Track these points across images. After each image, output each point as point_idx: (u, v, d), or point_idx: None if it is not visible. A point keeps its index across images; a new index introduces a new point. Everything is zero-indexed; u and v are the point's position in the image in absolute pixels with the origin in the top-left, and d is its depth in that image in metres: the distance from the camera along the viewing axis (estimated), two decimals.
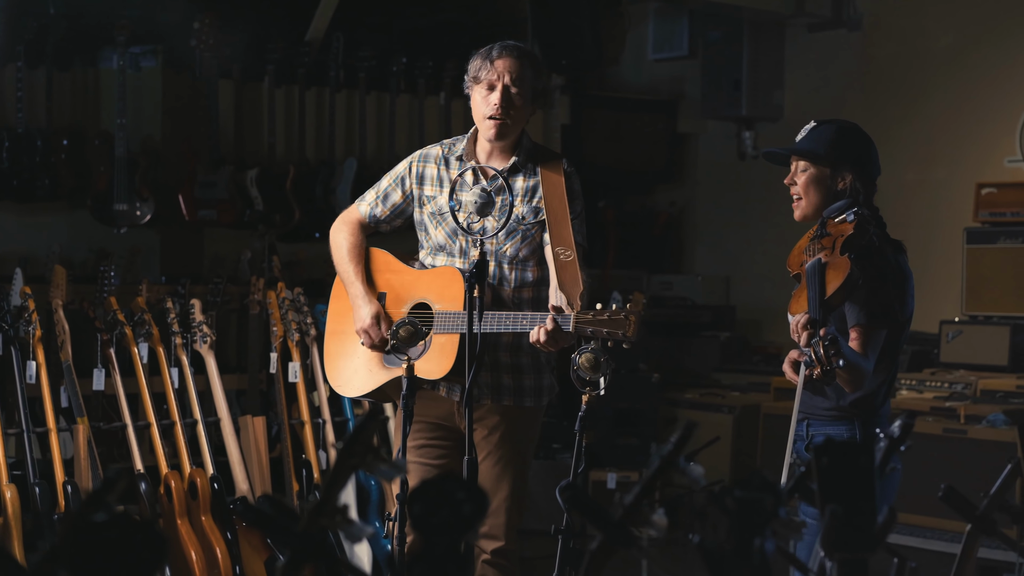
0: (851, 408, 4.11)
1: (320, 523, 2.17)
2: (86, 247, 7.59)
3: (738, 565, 2.16)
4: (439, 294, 4.51)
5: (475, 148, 4.62)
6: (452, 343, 4.42)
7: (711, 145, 9.89)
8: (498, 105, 4.46)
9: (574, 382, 4.15)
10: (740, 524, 2.18)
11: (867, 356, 4.01)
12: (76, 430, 5.83)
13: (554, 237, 4.43)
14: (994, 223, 7.91)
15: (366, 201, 4.77)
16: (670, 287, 9.54)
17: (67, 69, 7.55)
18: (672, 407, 8.51)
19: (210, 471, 6.06)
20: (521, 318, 4.31)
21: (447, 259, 4.59)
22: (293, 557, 2.16)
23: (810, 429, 4.20)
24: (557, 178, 4.52)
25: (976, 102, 8.48)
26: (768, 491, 2.21)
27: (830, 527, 2.26)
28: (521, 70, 4.49)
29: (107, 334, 6.09)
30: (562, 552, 4.09)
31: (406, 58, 8.39)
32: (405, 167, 4.70)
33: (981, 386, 7.38)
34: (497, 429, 4.54)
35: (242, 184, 7.83)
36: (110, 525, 1.80)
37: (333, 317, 4.80)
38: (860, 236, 4.06)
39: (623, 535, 2.33)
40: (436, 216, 4.61)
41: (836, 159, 4.18)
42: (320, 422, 6.58)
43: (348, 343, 4.69)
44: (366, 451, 2.21)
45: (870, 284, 4.03)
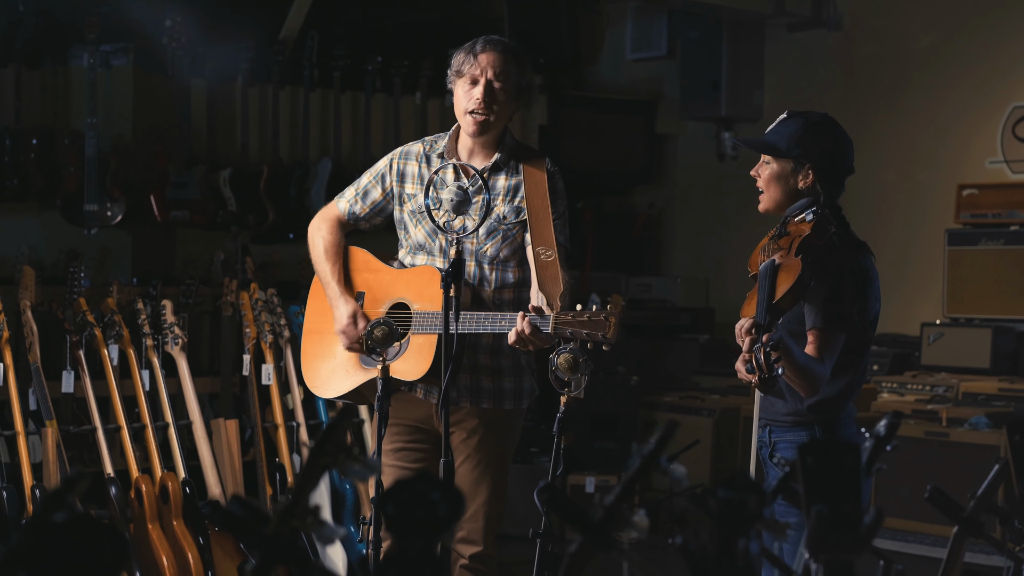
0: (810, 413, 4.05)
1: (291, 525, 2.11)
2: (56, 248, 7.52)
3: (722, 568, 2.11)
4: (417, 294, 4.46)
5: (457, 145, 4.57)
6: (430, 344, 4.37)
7: (690, 146, 9.86)
8: (480, 100, 4.41)
9: (552, 383, 4.10)
10: (724, 525, 2.13)
11: (823, 361, 3.94)
12: (45, 433, 5.76)
13: (535, 236, 4.38)
14: (975, 224, 7.90)
15: (345, 198, 4.72)
16: (649, 289, 9.50)
17: (36, 67, 7.48)
18: (651, 410, 8.46)
19: (182, 475, 6.00)
20: (500, 318, 4.26)
21: (427, 258, 4.54)
22: (263, 560, 2.11)
23: (772, 435, 4.15)
24: (540, 176, 4.48)
25: (957, 103, 8.46)
26: (752, 491, 2.16)
27: (816, 528, 2.21)
28: (505, 65, 4.44)
29: (77, 335, 6.02)
30: (540, 556, 4.05)
31: (381, 57, 8.34)
32: (386, 164, 4.65)
33: (963, 389, 7.37)
34: (476, 432, 4.49)
35: (215, 184, 7.77)
36: (70, 526, 1.75)
37: (311, 316, 4.76)
38: (817, 236, 3.96)
39: (603, 537, 2.28)
40: (416, 214, 4.56)
41: (798, 156, 4.08)
42: (294, 425, 6.53)
43: (325, 343, 4.64)
44: (338, 450, 2.16)
45: (828, 287, 3.96)
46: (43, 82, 7.54)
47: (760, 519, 2.16)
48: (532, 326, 4.13)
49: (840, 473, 2.28)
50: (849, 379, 4.08)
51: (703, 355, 8.97)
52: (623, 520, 2.31)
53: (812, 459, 2.28)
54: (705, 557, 2.13)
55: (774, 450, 4.12)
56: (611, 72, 9.97)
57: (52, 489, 1.87)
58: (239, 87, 7.99)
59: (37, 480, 5.68)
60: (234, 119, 8.05)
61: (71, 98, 7.60)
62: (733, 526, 2.13)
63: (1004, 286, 7.75)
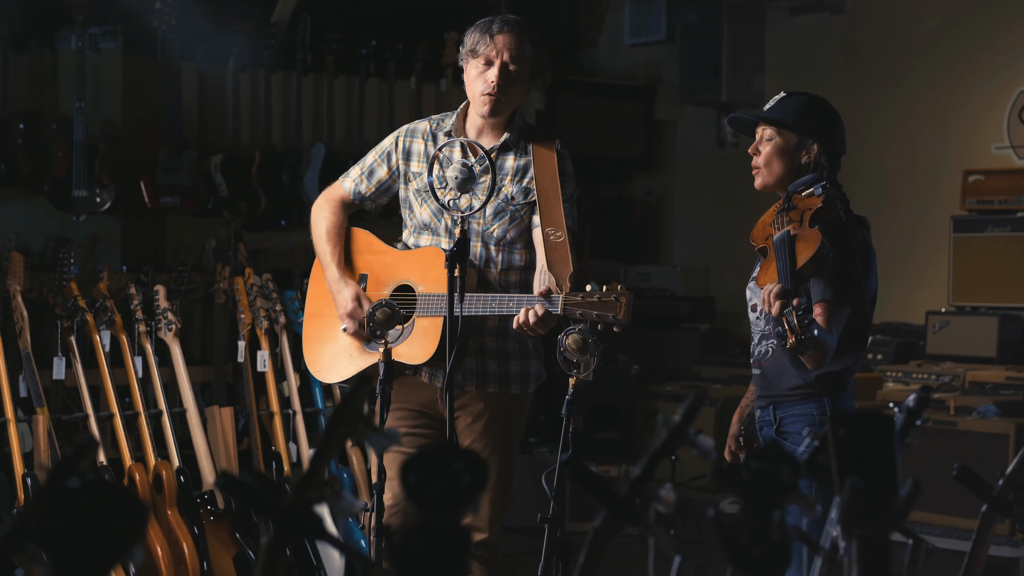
0: (818, 384, 4.08)
1: (308, 497, 2.06)
2: (44, 235, 7.47)
3: (756, 541, 2.07)
4: (422, 275, 4.41)
5: (464, 124, 4.51)
6: (435, 327, 4.32)
7: (689, 132, 9.84)
8: (495, 83, 4.36)
9: (560, 364, 4.05)
10: (757, 497, 2.09)
11: (831, 332, 3.98)
12: (36, 421, 5.70)
13: (544, 217, 4.33)
14: (981, 211, 7.87)
15: (350, 177, 4.66)
16: (648, 278, 9.48)
17: (23, 50, 7.43)
18: (652, 400, 8.43)
19: (176, 464, 5.95)
20: (507, 300, 4.21)
21: (432, 238, 4.49)
22: (279, 532, 2.06)
23: (777, 412, 4.16)
24: (549, 157, 4.43)
25: (963, 87, 8.44)
26: (786, 462, 2.12)
27: (850, 502, 2.17)
28: (521, 47, 4.39)
29: (68, 321, 5.96)
30: (548, 541, 4.00)
31: (376, 41, 8.30)
32: (391, 142, 4.59)
33: (970, 378, 7.34)
34: (481, 416, 4.45)
35: (206, 170, 7.73)
36: (84, 492, 1.69)
37: (311, 300, 4.71)
38: (828, 210, 4.04)
39: (629, 511, 2.23)
40: (421, 193, 4.51)
41: (803, 130, 4.14)
42: (290, 413, 6.48)
43: (327, 327, 4.59)
44: (356, 419, 2.11)
45: (835, 260, 4.00)
46: (30, 65, 7.48)
47: (795, 492, 2.12)
48: (543, 309, 4.08)
49: (874, 445, 2.24)
50: (856, 355, 4.14)
51: (703, 345, 8.95)
52: (649, 494, 2.27)
53: (845, 431, 2.24)
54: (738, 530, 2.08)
55: (781, 425, 4.14)
56: (609, 57, 9.93)
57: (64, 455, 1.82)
58: (230, 71, 7.95)
59: (28, 469, 5.62)
60: (225, 104, 8.00)
61: (59, 82, 7.54)
62: (767, 498, 2.09)
63: (1011, 273, 7.72)
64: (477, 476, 1.98)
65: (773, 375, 4.15)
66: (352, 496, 2.07)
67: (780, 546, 2.07)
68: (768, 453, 2.14)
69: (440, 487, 1.96)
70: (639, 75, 9.88)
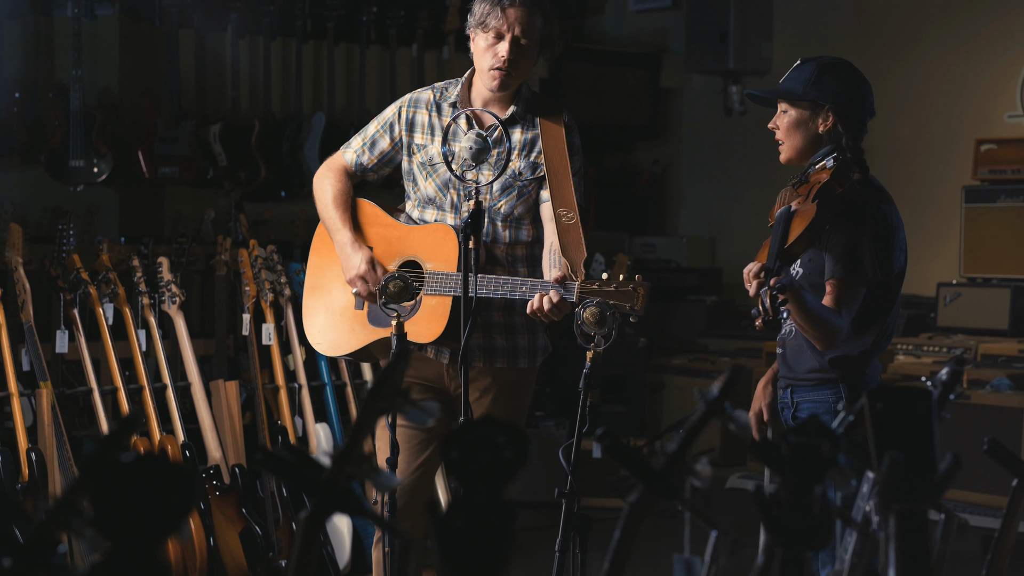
0: (834, 369, 4.04)
1: (346, 472, 2.09)
2: (40, 206, 7.49)
3: (797, 516, 2.10)
4: (430, 252, 4.40)
5: (470, 94, 4.51)
6: (444, 306, 4.33)
7: (696, 100, 9.85)
8: (506, 57, 4.36)
9: (578, 337, 4.07)
10: (799, 472, 2.12)
11: (840, 312, 3.95)
12: (39, 395, 5.72)
13: (555, 197, 4.35)
14: (994, 181, 7.88)
15: (352, 148, 4.65)
16: (653, 249, 9.50)
17: (18, 17, 7.43)
18: (659, 374, 8.47)
19: (181, 438, 5.98)
20: (520, 284, 4.23)
21: (437, 213, 4.49)
22: (318, 507, 2.09)
23: (794, 396, 4.15)
24: (558, 131, 4.43)
25: (974, 55, 8.45)
26: (826, 436, 2.15)
27: (888, 476, 2.20)
28: (532, 19, 4.38)
29: (71, 294, 5.98)
30: (566, 516, 4.03)
31: (376, 7, 8.30)
32: (394, 112, 4.58)
33: (982, 351, 7.37)
34: (489, 391, 4.47)
35: (205, 140, 7.75)
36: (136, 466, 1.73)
37: (313, 271, 4.70)
38: (838, 183, 3.97)
39: (666, 486, 2.26)
40: (426, 166, 4.50)
41: (815, 98, 4.06)
42: (295, 387, 6.50)
43: (330, 299, 4.60)
44: (395, 393, 2.14)
45: (847, 236, 3.97)
46: (24, 32, 7.49)
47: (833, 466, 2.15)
48: (559, 296, 4.11)
49: (911, 419, 2.27)
50: (875, 336, 4.07)
51: (710, 317, 8.97)
52: (686, 468, 2.30)
53: (882, 405, 2.28)
54: (779, 505, 2.12)
55: (797, 410, 4.13)
56: (614, 24, 9.94)
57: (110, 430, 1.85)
58: (229, 38, 7.96)
59: (32, 443, 5.65)
60: (224, 72, 8.01)
61: (55, 49, 7.55)
62: (808, 473, 2.12)
63: (1023, 244, 7.75)
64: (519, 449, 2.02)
65: (792, 357, 4.12)
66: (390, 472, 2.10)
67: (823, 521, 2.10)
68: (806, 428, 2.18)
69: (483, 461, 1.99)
70: (644, 42, 9.88)
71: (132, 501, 1.70)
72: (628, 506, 2.31)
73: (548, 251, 4.40)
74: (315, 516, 2.11)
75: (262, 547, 5.93)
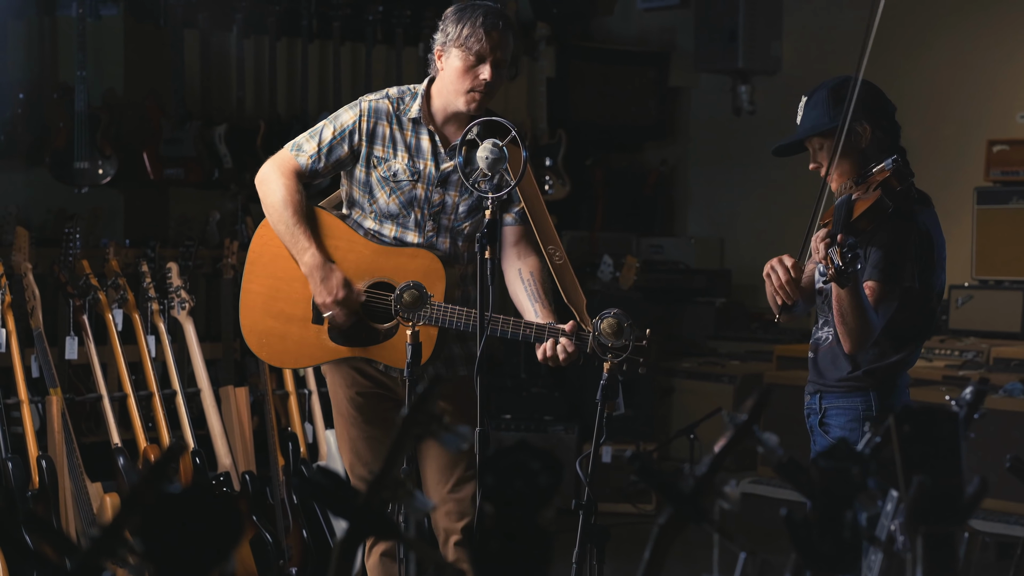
0: (867, 378, 4.11)
1: (381, 496, 2.15)
2: (44, 208, 7.54)
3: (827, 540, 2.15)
4: (406, 278, 4.35)
5: (430, 110, 4.50)
6: (427, 336, 4.31)
7: (704, 100, 9.88)
8: (488, 82, 4.38)
9: (595, 349, 4.13)
10: (828, 497, 2.17)
11: (877, 313, 4.02)
12: (49, 402, 5.77)
13: (541, 233, 4.39)
14: (1006, 182, 7.93)
15: (306, 153, 4.50)
16: (661, 250, 9.54)
17: (22, 17, 7.47)
18: (668, 377, 8.51)
19: (191, 445, 6.02)
20: (525, 327, 4.28)
21: (397, 229, 4.48)
22: (353, 531, 2.14)
23: (823, 402, 4.22)
24: (517, 153, 4.27)
25: (987, 54, 8.48)
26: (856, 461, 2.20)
27: (916, 500, 2.25)
28: (508, 41, 4.42)
29: (80, 300, 6.02)
30: (583, 528, 4.08)
31: (383, 7, 8.34)
32: (353, 120, 4.49)
33: (994, 354, 7.41)
34: (452, 400, 4.45)
35: (210, 141, 7.79)
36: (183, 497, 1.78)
37: (256, 272, 4.60)
38: (898, 180, 4.07)
39: (695, 509, 2.31)
40: (389, 181, 4.47)
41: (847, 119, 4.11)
42: (306, 392, 6.55)
43: (278, 305, 4.55)
44: (430, 419, 2.19)
45: (891, 241, 4.05)
46: (29, 33, 7.53)
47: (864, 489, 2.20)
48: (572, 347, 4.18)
49: (938, 441, 2.32)
50: (911, 349, 4.16)
51: (719, 319, 9.02)
52: (714, 491, 2.35)
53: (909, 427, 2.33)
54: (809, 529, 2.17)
55: (825, 416, 4.19)
56: (621, 22, 9.97)
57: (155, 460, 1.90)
58: (234, 38, 7.99)
59: (42, 450, 5.70)
60: (229, 72, 8.06)
61: (59, 50, 7.59)
62: (838, 497, 2.17)
63: None
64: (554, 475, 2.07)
65: (825, 364, 4.19)
66: (424, 496, 2.16)
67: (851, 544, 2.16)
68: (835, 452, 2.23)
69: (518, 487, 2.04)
70: (652, 41, 9.92)
71: (179, 532, 1.75)
72: (657, 528, 2.37)
73: (519, 279, 4.46)
74: (350, 540, 2.16)
75: (272, 554, 5.98)
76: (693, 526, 2.35)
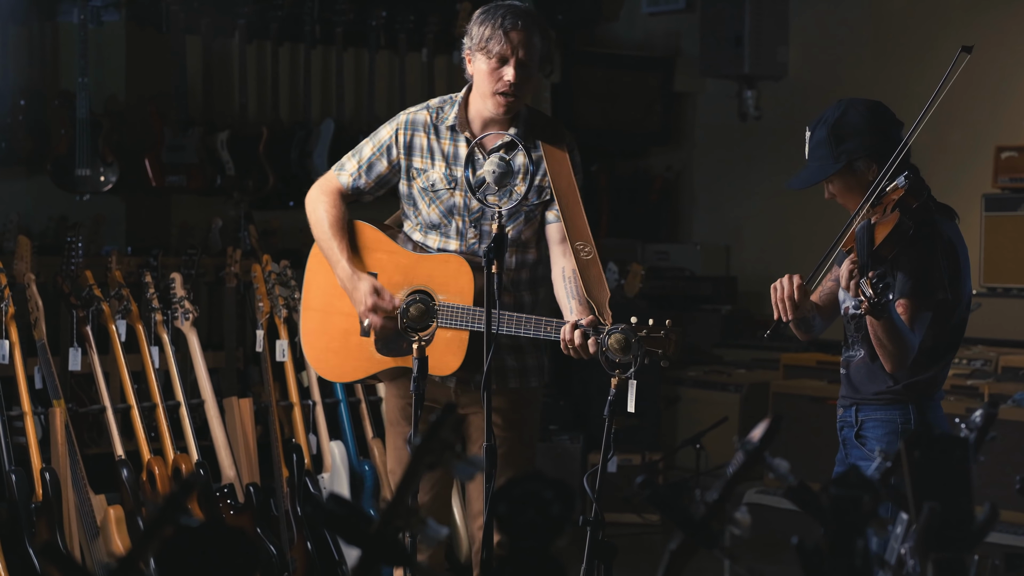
0: (906, 392, 4.18)
1: (395, 524, 2.18)
2: (46, 215, 7.57)
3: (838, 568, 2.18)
4: (443, 284, 4.45)
5: (467, 116, 4.55)
6: (459, 340, 4.38)
7: (710, 105, 9.89)
8: (513, 82, 4.41)
9: (603, 365, 4.16)
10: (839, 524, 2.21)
11: (913, 331, 4.06)
12: (52, 414, 5.79)
13: (570, 229, 4.42)
14: (1014, 189, 7.93)
15: (347, 171, 4.65)
16: (666, 257, 9.55)
17: (23, 23, 7.50)
18: (674, 386, 8.53)
19: (195, 457, 6.05)
20: (545, 324, 4.31)
21: (440, 239, 4.55)
22: (367, 559, 2.17)
23: (859, 414, 4.26)
24: (561, 154, 4.46)
25: (995, 59, 8.48)
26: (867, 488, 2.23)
27: (927, 526, 2.28)
28: (532, 40, 4.43)
29: (83, 311, 6.05)
30: (590, 544, 4.10)
31: (386, 12, 8.37)
32: (391, 134, 4.60)
33: (1003, 363, 7.40)
34: (503, 413, 4.52)
35: (212, 147, 7.82)
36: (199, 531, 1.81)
37: (312, 292, 4.73)
38: (914, 196, 4.11)
39: (706, 535, 2.35)
40: (428, 192, 4.54)
41: (846, 158, 4.21)
42: (310, 404, 6.58)
43: (331, 322, 4.64)
44: (443, 448, 2.22)
45: (919, 256, 4.09)
46: (30, 39, 7.56)
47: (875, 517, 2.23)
48: (585, 337, 4.20)
49: (948, 467, 2.35)
50: (947, 360, 4.25)
51: (726, 326, 9.03)
52: (725, 517, 2.38)
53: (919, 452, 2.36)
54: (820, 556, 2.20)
55: (861, 428, 4.26)
56: (626, 27, 9.99)
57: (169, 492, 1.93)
58: (237, 44, 8.03)
59: (45, 462, 5.72)
60: (231, 78, 8.09)
61: (60, 56, 7.63)
62: (849, 525, 2.20)
63: None
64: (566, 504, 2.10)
65: (859, 378, 4.25)
66: (436, 524, 2.19)
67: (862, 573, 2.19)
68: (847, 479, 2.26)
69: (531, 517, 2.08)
70: (657, 46, 9.94)
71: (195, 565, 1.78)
72: (668, 554, 2.40)
73: (561, 277, 4.48)
74: (364, 568, 2.19)
75: (276, 567, 6.01)
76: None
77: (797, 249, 9.08)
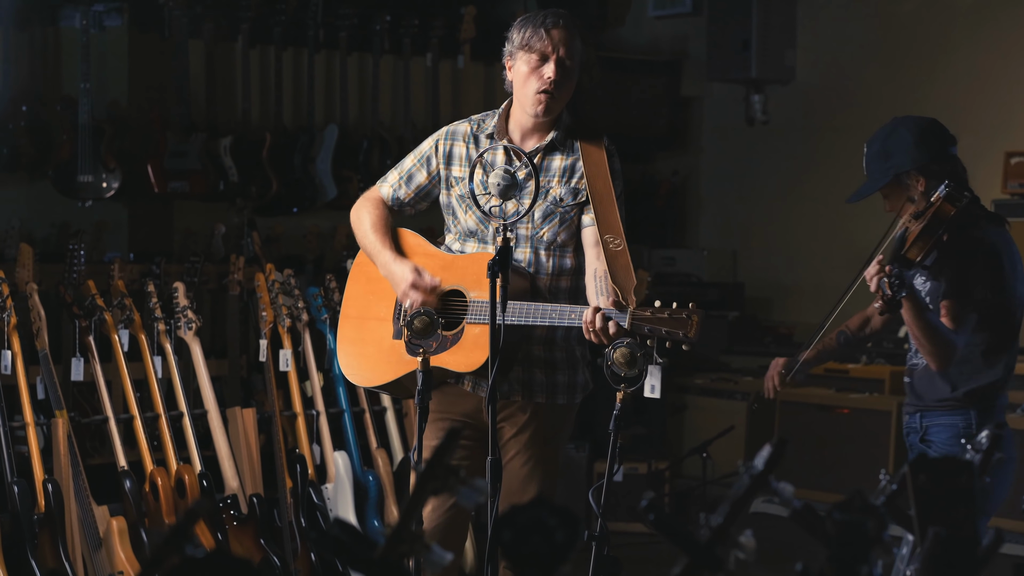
0: (966, 398, 4.42)
1: (399, 550, 2.20)
2: (47, 222, 7.60)
3: None
4: (475, 281, 4.49)
5: (507, 125, 4.61)
6: (486, 334, 4.41)
7: (717, 109, 9.89)
8: (553, 79, 4.45)
9: (608, 379, 4.18)
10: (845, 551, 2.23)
11: (956, 332, 4.32)
12: (55, 424, 5.82)
13: (602, 224, 4.44)
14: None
15: (388, 183, 4.76)
16: (673, 263, 9.56)
17: (25, 28, 7.52)
18: (681, 394, 8.54)
19: (198, 467, 6.07)
20: (568, 312, 4.33)
21: (478, 245, 4.60)
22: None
23: (923, 420, 4.52)
24: (599, 155, 4.54)
25: (1004, 63, 8.50)
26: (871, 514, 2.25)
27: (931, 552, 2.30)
28: (573, 42, 4.48)
29: (86, 321, 6.07)
30: (596, 560, 4.13)
31: (390, 16, 8.38)
32: (431, 145, 4.69)
33: None
34: (527, 427, 4.55)
35: (215, 153, 7.84)
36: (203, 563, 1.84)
37: (350, 301, 4.80)
38: (952, 204, 4.32)
39: (711, 558, 2.36)
40: (465, 199, 4.61)
41: (896, 173, 4.51)
42: (313, 413, 6.60)
43: (365, 329, 4.70)
44: (447, 473, 2.24)
45: (959, 258, 4.36)
46: (32, 44, 7.59)
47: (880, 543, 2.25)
48: (605, 320, 4.21)
49: (953, 491, 2.38)
50: (1005, 364, 4.49)
51: (732, 333, 9.03)
52: (730, 541, 2.40)
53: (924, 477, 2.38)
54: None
55: (926, 434, 4.51)
56: (632, 31, 10.00)
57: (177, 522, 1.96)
58: (240, 49, 8.05)
59: (48, 473, 5.74)
60: (234, 83, 8.11)
61: (62, 61, 7.66)
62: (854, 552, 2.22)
63: None
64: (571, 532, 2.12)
65: (922, 386, 4.52)
66: (441, 549, 2.22)
67: None
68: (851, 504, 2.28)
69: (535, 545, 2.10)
70: (663, 49, 9.94)
71: None
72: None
73: (593, 277, 4.50)
74: None
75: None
76: None
77: (804, 255, 9.10)
